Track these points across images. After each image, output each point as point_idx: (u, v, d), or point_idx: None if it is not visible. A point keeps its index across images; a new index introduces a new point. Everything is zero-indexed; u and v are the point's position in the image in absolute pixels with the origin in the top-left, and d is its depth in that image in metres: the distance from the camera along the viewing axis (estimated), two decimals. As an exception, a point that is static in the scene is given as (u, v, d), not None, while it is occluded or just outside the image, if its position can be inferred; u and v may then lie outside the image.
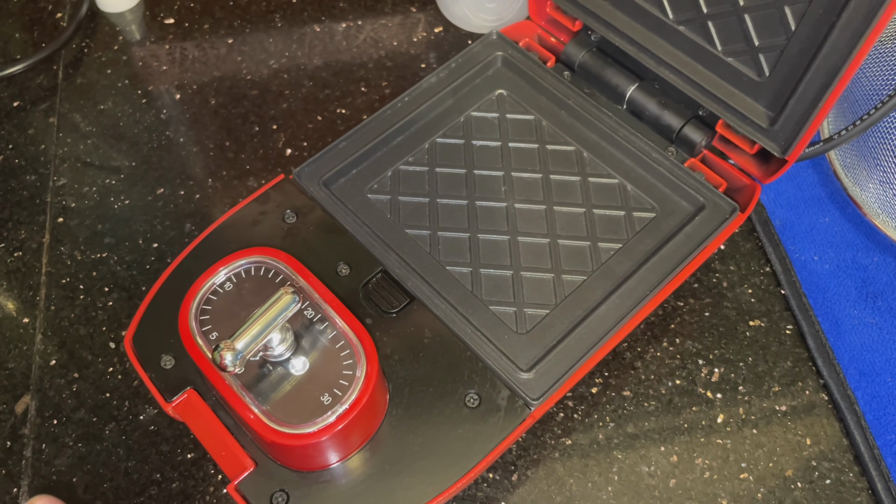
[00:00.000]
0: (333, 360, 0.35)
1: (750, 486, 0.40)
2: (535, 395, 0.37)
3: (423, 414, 0.37)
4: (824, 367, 0.43)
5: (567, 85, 0.46)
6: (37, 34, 0.57)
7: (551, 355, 0.38)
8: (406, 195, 0.44)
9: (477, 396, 0.37)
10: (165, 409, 0.37)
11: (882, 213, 0.45)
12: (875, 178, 0.45)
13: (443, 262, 0.41)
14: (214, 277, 0.37)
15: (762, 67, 0.38)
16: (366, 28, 0.57)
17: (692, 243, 0.41)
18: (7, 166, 0.51)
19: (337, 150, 0.44)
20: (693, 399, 0.42)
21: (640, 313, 0.39)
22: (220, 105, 0.53)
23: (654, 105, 0.44)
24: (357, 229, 0.42)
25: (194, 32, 0.57)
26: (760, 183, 0.42)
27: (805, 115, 0.37)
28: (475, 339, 0.38)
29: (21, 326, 0.45)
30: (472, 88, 0.48)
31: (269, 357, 0.34)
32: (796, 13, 0.36)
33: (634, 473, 0.40)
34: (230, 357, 0.31)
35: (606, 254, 0.41)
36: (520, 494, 0.39)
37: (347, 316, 0.36)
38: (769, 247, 0.47)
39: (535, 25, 0.49)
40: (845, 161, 0.47)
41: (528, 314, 0.40)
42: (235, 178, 0.50)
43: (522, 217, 0.43)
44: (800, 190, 0.49)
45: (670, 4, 0.41)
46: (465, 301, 0.40)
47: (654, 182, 0.44)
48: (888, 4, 0.32)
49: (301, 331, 0.35)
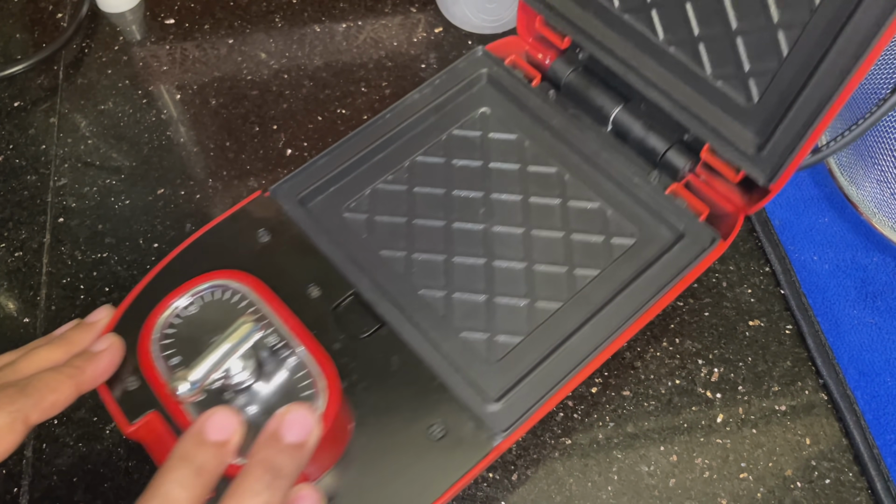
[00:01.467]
0: (294, 390, 0.33)
1: (749, 485, 0.40)
2: (502, 427, 0.36)
3: (387, 444, 0.36)
4: (824, 367, 0.43)
5: (551, 105, 0.45)
6: (37, 34, 0.57)
7: (521, 386, 0.37)
8: (383, 215, 0.43)
9: (442, 427, 0.36)
10: (124, 431, 0.35)
11: (879, 213, 0.45)
12: (872, 177, 0.45)
13: (416, 286, 0.40)
14: (178, 301, 0.36)
15: (751, 93, 0.37)
16: (366, 28, 0.57)
17: (670, 273, 0.39)
18: (8, 166, 0.51)
19: (315, 167, 0.43)
20: (693, 399, 0.42)
21: (612, 345, 0.38)
22: (221, 105, 0.53)
23: (638, 127, 0.43)
24: (331, 250, 0.41)
25: (195, 33, 0.57)
26: (744, 211, 0.41)
27: (793, 144, 0.36)
28: (444, 368, 0.37)
29: (22, 326, 0.45)
30: (455, 106, 0.47)
31: (230, 385, 0.33)
32: (790, 38, 0.35)
33: (634, 473, 0.40)
34: (184, 387, 0.30)
35: (583, 281, 0.40)
36: (520, 494, 0.39)
37: (312, 344, 0.34)
38: (768, 247, 0.47)
39: (522, 41, 0.48)
40: (842, 161, 0.47)
41: (500, 341, 0.39)
42: (236, 179, 0.50)
43: (500, 240, 0.42)
44: (799, 190, 0.49)
45: (661, 24, 0.40)
46: (437, 327, 0.39)
47: (635, 207, 0.42)
48: (883, 32, 0.31)
49: (264, 358, 0.34)
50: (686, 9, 0.38)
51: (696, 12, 0.38)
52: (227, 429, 0.29)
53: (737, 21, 0.36)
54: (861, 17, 0.32)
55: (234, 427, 0.30)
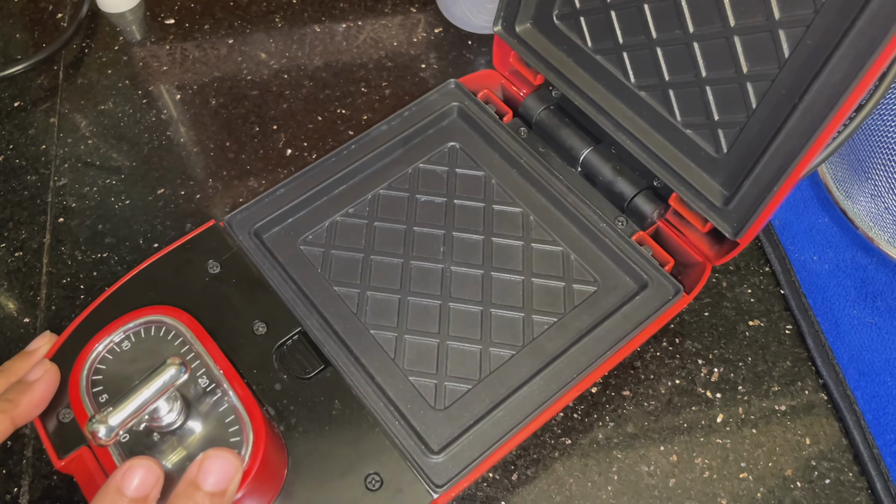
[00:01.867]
0: (221, 436, 0.32)
1: (749, 485, 0.40)
2: (440, 482, 0.35)
3: (321, 493, 0.34)
4: (823, 367, 0.43)
5: (521, 143, 0.45)
6: (37, 34, 0.57)
7: (464, 438, 0.36)
8: (340, 249, 0.42)
9: (379, 478, 0.35)
10: (55, 466, 0.35)
11: (874, 227, 0.45)
12: (866, 191, 0.44)
13: (367, 325, 0.40)
14: (112, 336, 0.35)
15: (720, 143, 0.37)
16: (366, 28, 0.57)
17: (629, 325, 0.39)
18: (8, 166, 0.51)
19: (274, 197, 0.43)
20: (692, 399, 0.42)
21: (561, 399, 0.37)
22: (221, 105, 0.53)
23: (608, 170, 0.43)
24: (281, 285, 0.40)
25: (195, 33, 0.57)
26: (711, 262, 0.40)
27: (759, 198, 0.35)
28: (386, 415, 0.36)
29: (22, 326, 0.45)
30: (424, 139, 0.46)
31: (156, 426, 0.32)
32: (758, 91, 0.34)
33: (634, 473, 0.40)
34: (103, 431, 0.29)
35: (540, 328, 0.40)
36: (519, 494, 0.39)
37: (242, 388, 0.34)
38: (768, 247, 0.47)
39: (499, 75, 0.48)
40: (836, 174, 0.47)
41: (449, 388, 0.38)
42: (236, 179, 0.50)
43: (458, 281, 0.41)
44: (799, 190, 0.49)
45: (632, 68, 0.39)
46: (384, 370, 0.38)
47: (599, 254, 0.42)
48: (850, 92, 0.30)
49: (193, 400, 0.33)
50: (657, 53, 0.38)
51: (666, 57, 0.38)
52: (146, 484, 0.29)
53: (706, 69, 0.36)
54: (829, 76, 0.31)
55: (152, 482, 0.29)
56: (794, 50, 0.32)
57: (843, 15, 0.30)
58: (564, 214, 0.43)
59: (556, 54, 0.43)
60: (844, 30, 0.30)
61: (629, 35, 0.39)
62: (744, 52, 0.34)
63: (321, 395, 0.37)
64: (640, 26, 0.38)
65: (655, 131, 0.40)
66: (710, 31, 0.35)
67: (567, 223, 0.43)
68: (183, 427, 0.33)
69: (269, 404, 0.37)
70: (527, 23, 0.43)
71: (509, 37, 0.44)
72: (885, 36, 0.29)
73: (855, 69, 0.30)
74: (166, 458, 0.32)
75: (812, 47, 0.32)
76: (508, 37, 0.44)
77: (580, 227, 0.43)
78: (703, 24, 0.35)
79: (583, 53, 0.41)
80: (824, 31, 0.31)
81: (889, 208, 0.43)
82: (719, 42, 0.35)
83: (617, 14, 0.39)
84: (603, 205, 0.43)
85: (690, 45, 0.36)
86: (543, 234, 0.43)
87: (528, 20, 0.43)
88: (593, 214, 0.42)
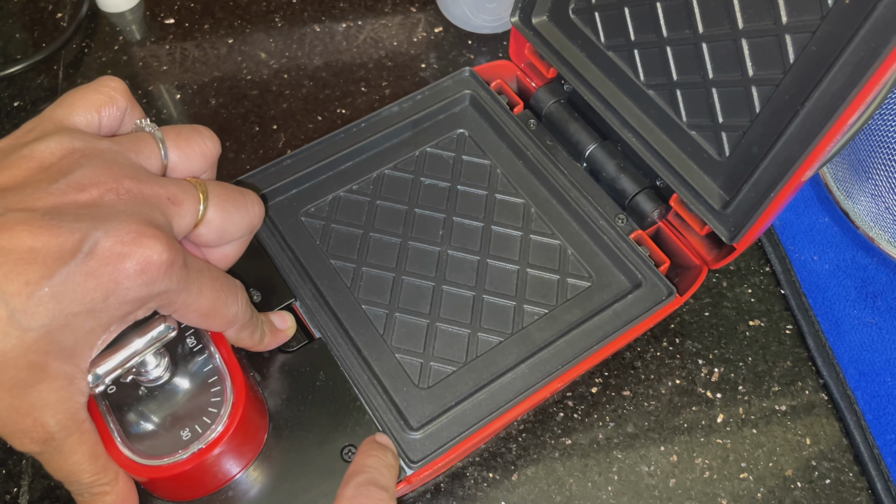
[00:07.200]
0: (202, 396, 0.33)
1: (750, 485, 0.40)
2: (415, 458, 0.35)
3: (297, 461, 0.35)
4: (824, 367, 0.43)
5: (529, 135, 0.45)
6: (37, 34, 0.57)
7: (444, 417, 0.36)
8: (340, 224, 0.42)
9: (355, 450, 0.35)
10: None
11: (875, 227, 0.45)
12: (867, 191, 0.44)
13: (360, 300, 0.40)
14: None
15: (723, 146, 0.37)
16: (366, 28, 0.57)
17: (618, 322, 0.39)
18: (7, 166, 0.51)
19: (280, 167, 0.43)
20: (693, 399, 0.42)
21: (544, 389, 0.37)
22: (221, 105, 0.53)
23: (612, 167, 0.43)
24: (279, 254, 0.40)
25: (194, 32, 0.57)
26: (708, 266, 0.40)
27: (757, 203, 0.35)
28: (369, 388, 0.37)
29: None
30: (434, 124, 0.46)
31: (142, 380, 0.33)
32: (762, 96, 0.35)
33: (634, 473, 0.40)
34: (90, 378, 0.29)
35: (530, 318, 0.40)
36: (520, 494, 0.39)
37: (228, 353, 0.34)
38: (769, 246, 0.47)
39: (513, 66, 0.48)
40: (837, 174, 0.47)
41: (434, 368, 0.38)
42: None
43: (453, 265, 0.41)
44: (799, 190, 0.49)
45: (643, 66, 0.40)
46: (372, 344, 0.38)
47: (596, 250, 0.42)
48: (852, 99, 0.30)
49: (180, 359, 0.34)
50: (667, 52, 0.38)
51: (675, 57, 0.38)
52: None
53: (713, 71, 0.36)
54: (830, 84, 0.31)
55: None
56: (799, 55, 0.33)
57: (849, 22, 0.30)
58: (565, 209, 0.43)
59: (569, 48, 0.43)
60: (848, 37, 0.30)
61: (641, 33, 0.39)
62: (751, 55, 0.35)
63: (307, 366, 0.37)
64: (652, 24, 0.38)
65: (661, 131, 0.40)
66: (719, 33, 0.35)
67: (567, 217, 0.43)
68: (169, 382, 0.33)
69: (256, 370, 0.37)
70: (543, 15, 0.44)
71: (525, 28, 0.44)
72: (885, 46, 0.29)
73: (855, 78, 0.30)
74: (147, 413, 0.33)
75: (816, 54, 0.32)
76: (524, 28, 0.44)
77: (580, 223, 0.43)
78: (713, 26, 0.36)
79: (596, 49, 0.42)
80: (829, 37, 0.31)
81: (889, 208, 0.43)
82: (727, 44, 0.35)
83: (630, 11, 0.39)
84: (604, 201, 0.43)
85: (699, 46, 0.37)
86: (543, 227, 0.43)
87: (544, 13, 0.44)
88: (594, 211, 0.42)
